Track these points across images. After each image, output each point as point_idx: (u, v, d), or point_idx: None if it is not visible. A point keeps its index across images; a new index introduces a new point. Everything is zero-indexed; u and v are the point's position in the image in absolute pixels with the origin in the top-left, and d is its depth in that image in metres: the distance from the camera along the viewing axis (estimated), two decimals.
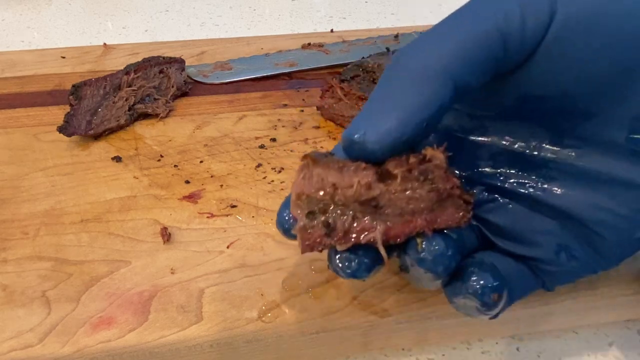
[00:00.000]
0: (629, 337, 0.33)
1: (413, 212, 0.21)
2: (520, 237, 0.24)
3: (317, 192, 0.21)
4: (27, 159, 0.40)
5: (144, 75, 0.47)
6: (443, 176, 0.21)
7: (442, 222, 0.22)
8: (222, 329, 0.28)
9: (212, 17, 0.74)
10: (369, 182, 0.21)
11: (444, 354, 0.32)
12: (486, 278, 0.22)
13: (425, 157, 0.21)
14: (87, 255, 0.32)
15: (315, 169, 0.21)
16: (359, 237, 0.21)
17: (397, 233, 0.22)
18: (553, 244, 0.23)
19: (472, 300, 0.22)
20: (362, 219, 0.21)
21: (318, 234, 0.21)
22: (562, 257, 0.23)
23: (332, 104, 0.44)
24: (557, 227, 0.23)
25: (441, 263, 0.21)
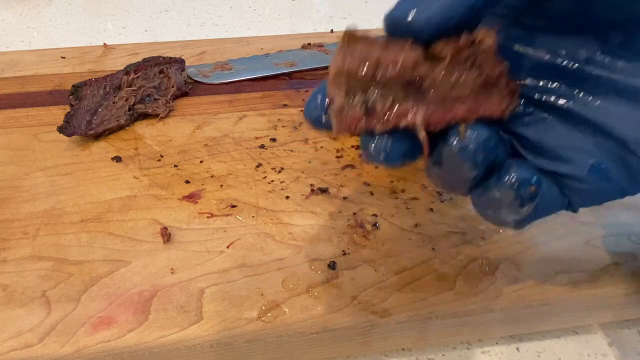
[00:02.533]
0: (629, 337, 0.33)
1: (456, 98, 0.20)
2: (554, 152, 0.23)
3: (358, 69, 0.20)
4: (27, 159, 0.40)
5: (144, 75, 0.47)
6: (492, 61, 0.20)
7: (486, 110, 0.21)
8: (222, 329, 0.28)
9: (212, 17, 0.74)
10: (415, 60, 0.20)
11: (444, 354, 0.32)
12: (524, 171, 0.22)
13: (476, 40, 0.20)
14: (87, 255, 0.32)
15: (358, 44, 0.20)
16: (399, 120, 0.20)
17: (438, 119, 0.20)
18: (587, 161, 0.23)
19: (507, 193, 0.22)
20: (403, 101, 0.20)
21: (356, 115, 0.20)
22: (594, 175, 0.23)
23: None
24: (593, 145, 0.23)
25: (482, 151, 0.21)
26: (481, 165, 0.21)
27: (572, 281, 0.31)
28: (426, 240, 0.33)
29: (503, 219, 0.23)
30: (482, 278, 0.31)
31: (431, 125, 0.20)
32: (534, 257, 0.32)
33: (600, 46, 0.22)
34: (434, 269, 0.32)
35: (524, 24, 0.23)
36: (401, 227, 0.34)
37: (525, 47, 0.24)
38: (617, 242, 0.33)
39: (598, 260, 0.32)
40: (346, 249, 0.33)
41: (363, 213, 0.35)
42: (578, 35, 0.22)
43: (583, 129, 0.23)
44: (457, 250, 0.33)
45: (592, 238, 0.34)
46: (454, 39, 0.20)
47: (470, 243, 0.33)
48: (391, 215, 0.35)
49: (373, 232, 0.34)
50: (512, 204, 0.22)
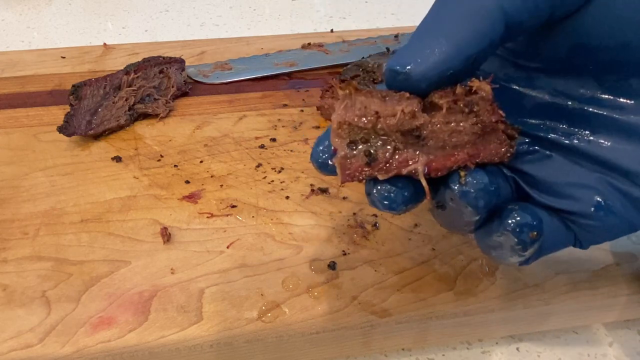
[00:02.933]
0: (629, 337, 0.33)
1: (456, 145, 0.21)
2: (559, 190, 0.23)
3: (359, 120, 0.21)
4: (27, 159, 0.40)
5: (144, 75, 0.47)
6: (489, 108, 0.21)
7: (485, 156, 0.21)
8: (222, 329, 0.28)
9: (212, 17, 0.74)
10: (413, 111, 0.20)
11: (444, 354, 0.32)
12: (525, 216, 0.22)
13: (472, 89, 0.21)
14: (87, 255, 0.32)
15: (358, 97, 0.21)
16: (401, 167, 0.21)
17: (439, 166, 0.21)
18: (592, 198, 0.23)
19: (509, 238, 0.22)
20: (404, 149, 0.21)
21: (359, 164, 0.21)
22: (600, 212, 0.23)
23: (332, 104, 0.44)
24: (598, 182, 0.23)
25: (483, 197, 0.21)
26: (483, 210, 0.21)
27: (572, 281, 0.31)
28: (426, 240, 0.33)
29: (507, 260, 0.23)
30: (482, 278, 0.31)
31: (432, 171, 0.21)
32: None
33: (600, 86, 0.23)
34: (434, 269, 0.32)
35: (523, 66, 0.24)
36: (401, 227, 0.34)
37: (525, 88, 0.24)
38: (617, 242, 0.33)
39: (598, 260, 0.32)
40: (346, 249, 0.33)
41: (363, 213, 0.35)
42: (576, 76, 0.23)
43: (587, 165, 0.23)
44: (457, 250, 0.33)
45: None
46: (450, 88, 0.21)
47: (470, 243, 0.33)
48: (391, 215, 0.35)
49: (373, 232, 0.34)
50: (514, 248, 0.22)
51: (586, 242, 0.24)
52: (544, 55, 0.23)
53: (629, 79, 0.22)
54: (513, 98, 0.24)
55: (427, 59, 0.20)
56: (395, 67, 0.20)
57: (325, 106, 0.44)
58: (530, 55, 0.24)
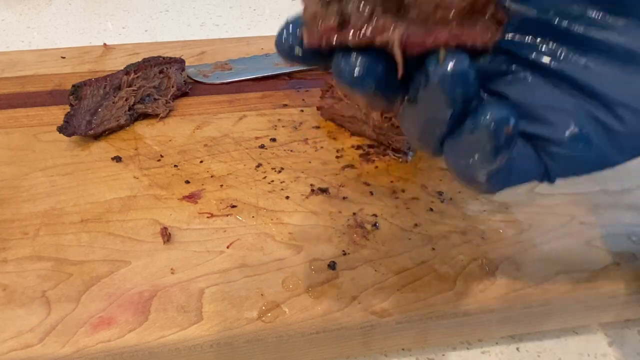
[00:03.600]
0: (629, 337, 0.33)
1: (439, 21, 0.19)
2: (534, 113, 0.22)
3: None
4: (27, 159, 0.40)
5: (144, 75, 0.47)
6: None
7: (469, 38, 0.19)
8: (222, 329, 0.28)
9: (212, 17, 0.74)
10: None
11: (444, 354, 0.32)
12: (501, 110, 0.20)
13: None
14: (87, 255, 0.32)
15: None
16: (375, 35, 0.19)
17: (418, 41, 0.19)
18: (568, 124, 0.22)
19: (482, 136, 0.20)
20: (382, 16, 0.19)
21: (330, 25, 0.19)
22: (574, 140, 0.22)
23: (332, 104, 0.44)
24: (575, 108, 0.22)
25: (461, 84, 0.19)
26: (458, 101, 0.20)
27: (572, 281, 0.31)
28: (426, 240, 0.33)
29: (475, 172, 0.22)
30: (482, 278, 0.31)
31: (409, 47, 0.19)
32: (534, 257, 0.32)
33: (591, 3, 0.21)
34: (434, 269, 0.32)
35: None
36: (401, 227, 0.34)
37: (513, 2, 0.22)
38: (617, 242, 0.33)
39: (598, 260, 0.32)
40: (346, 249, 0.33)
41: (363, 213, 0.35)
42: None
43: (566, 89, 0.22)
44: (457, 250, 0.33)
45: (592, 238, 0.34)
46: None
47: (470, 243, 0.33)
48: (391, 215, 0.35)
49: (373, 232, 0.34)
50: (486, 148, 0.20)
51: (554, 173, 0.23)
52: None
53: None
54: None
55: None
56: None
57: (325, 106, 0.44)
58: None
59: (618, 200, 0.36)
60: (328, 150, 0.41)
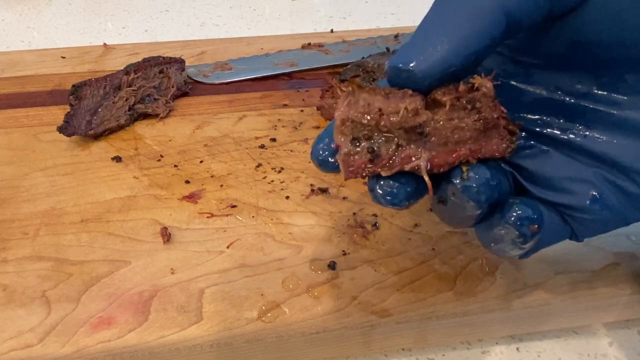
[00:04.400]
0: (629, 337, 0.33)
1: (458, 141, 0.21)
2: (556, 184, 0.24)
3: (362, 117, 0.21)
4: (27, 159, 0.40)
5: (144, 75, 0.47)
6: (491, 105, 0.21)
7: (487, 151, 0.21)
8: (222, 329, 0.28)
9: (212, 17, 0.74)
10: (416, 108, 0.21)
11: (444, 354, 0.32)
12: (526, 209, 0.22)
13: (474, 86, 0.21)
14: (87, 255, 0.32)
15: (361, 94, 0.21)
16: (404, 164, 0.21)
17: (441, 162, 0.21)
18: (588, 192, 0.23)
19: (510, 231, 0.23)
20: (407, 146, 0.21)
21: (362, 160, 0.21)
22: (595, 205, 0.23)
23: (332, 104, 0.44)
24: (594, 176, 0.24)
25: (485, 192, 0.21)
26: (484, 204, 0.22)
27: (572, 281, 0.31)
28: (426, 240, 0.33)
29: (507, 253, 0.24)
30: (482, 278, 0.31)
31: (435, 167, 0.21)
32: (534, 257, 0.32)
33: (596, 82, 0.23)
34: (434, 269, 0.32)
35: (522, 62, 0.24)
36: (401, 227, 0.34)
37: (523, 83, 0.24)
38: (617, 242, 0.33)
39: (598, 260, 0.32)
40: (346, 249, 0.33)
41: (363, 213, 0.35)
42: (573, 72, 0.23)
43: (583, 160, 0.24)
44: (457, 250, 0.33)
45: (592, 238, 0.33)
46: (453, 85, 0.21)
47: (470, 243, 0.33)
48: (391, 215, 0.35)
49: (373, 232, 0.34)
50: (515, 241, 0.23)
51: (582, 235, 0.25)
52: (542, 51, 0.23)
53: (624, 75, 0.22)
54: (511, 94, 0.24)
55: (430, 56, 0.20)
56: (399, 64, 0.20)
57: (325, 106, 0.44)
58: (528, 51, 0.24)
59: None
60: None
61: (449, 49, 0.20)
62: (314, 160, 0.24)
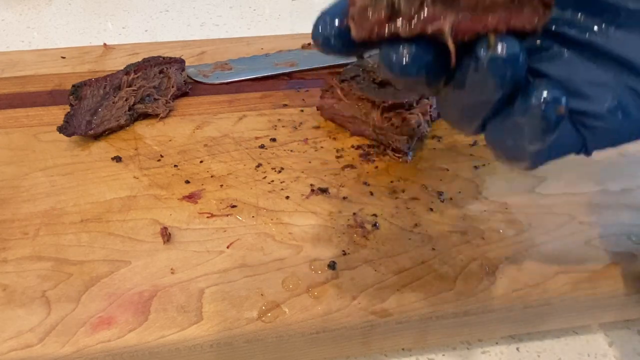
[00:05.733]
0: (629, 337, 0.33)
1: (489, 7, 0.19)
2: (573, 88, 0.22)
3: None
4: (27, 159, 0.40)
5: (144, 75, 0.47)
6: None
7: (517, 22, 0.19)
8: (222, 329, 0.28)
9: (212, 17, 0.74)
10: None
11: (444, 354, 0.32)
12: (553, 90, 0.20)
13: None
14: (87, 255, 0.32)
15: None
16: (426, 25, 0.19)
17: (468, 27, 0.19)
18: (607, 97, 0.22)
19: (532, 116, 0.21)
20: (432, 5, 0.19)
21: (379, 16, 0.19)
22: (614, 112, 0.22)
23: (332, 104, 0.44)
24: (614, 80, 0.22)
25: (512, 66, 0.20)
26: (508, 84, 0.20)
27: (572, 281, 0.31)
28: (426, 240, 0.33)
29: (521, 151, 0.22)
30: (482, 278, 0.31)
31: (459, 34, 0.19)
32: (534, 257, 0.32)
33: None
34: (434, 269, 0.32)
35: None
36: (401, 227, 0.34)
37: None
38: (617, 242, 0.33)
39: (598, 260, 0.32)
40: (346, 249, 0.33)
41: (363, 213, 0.35)
42: None
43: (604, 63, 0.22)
44: (457, 250, 0.33)
45: (592, 238, 0.34)
46: None
47: (470, 243, 0.33)
48: (391, 215, 0.35)
49: (373, 232, 0.34)
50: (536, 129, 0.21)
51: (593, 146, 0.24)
52: None
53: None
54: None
55: None
56: None
57: (325, 106, 0.44)
58: None
59: (618, 200, 0.36)
60: (328, 150, 0.41)
61: None
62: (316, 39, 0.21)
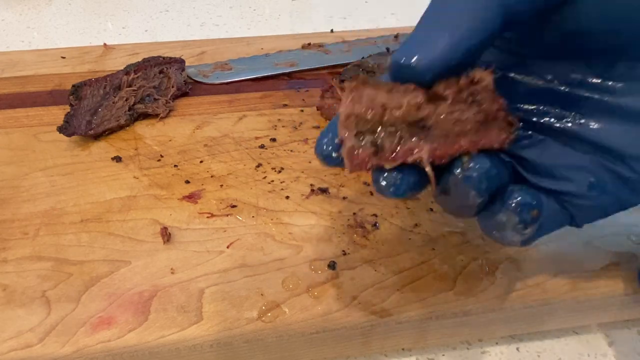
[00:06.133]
0: (629, 337, 0.33)
1: (459, 133, 0.22)
2: (554, 172, 0.25)
3: (366, 113, 0.22)
4: (27, 159, 0.40)
5: (144, 75, 0.47)
6: (491, 97, 0.21)
7: (486, 142, 0.22)
8: (222, 329, 0.28)
9: (212, 17, 0.74)
10: (419, 103, 0.21)
11: (444, 354, 0.32)
12: (526, 196, 0.23)
13: (474, 79, 0.21)
14: (87, 255, 0.32)
15: (365, 89, 0.22)
16: (406, 156, 0.22)
17: (443, 153, 0.22)
18: (586, 178, 0.24)
19: (511, 217, 0.23)
20: (409, 139, 0.22)
21: (366, 154, 0.22)
22: (593, 191, 0.24)
23: (332, 104, 0.44)
24: (590, 163, 0.24)
25: (485, 180, 0.22)
26: (485, 193, 0.22)
27: (572, 281, 0.31)
28: (426, 240, 0.33)
29: (508, 240, 0.24)
30: (482, 278, 0.31)
31: (436, 159, 0.22)
32: (534, 257, 0.32)
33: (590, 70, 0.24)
34: (434, 269, 0.32)
35: (518, 53, 0.25)
36: (401, 227, 0.34)
37: (519, 74, 0.25)
38: (617, 242, 0.33)
39: (598, 260, 0.32)
40: (346, 249, 0.33)
41: (363, 213, 0.35)
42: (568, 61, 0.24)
43: (580, 147, 0.24)
44: (457, 250, 0.33)
45: (592, 238, 0.34)
46: (453, 79, 0.21)
47: (470, 243, 0.33)
48: (391, 215, 0.35)
49: (373, 232, 0.34)
50: (516, 227, 0.23)
51: (581, 220, 0.25)
52: (537, 42, 0.24)
53: (616, 63, 0.23)
54: (507, 85, 0.25)
55: (431, 52, 0.20)
56: (401, 60, 0.21)
57: (325, 106, 0.44)
58: (524, 42, 0.24)
59: None
60: None
61: (450, 44, 0.20)
62: (318, 156, 0.24)
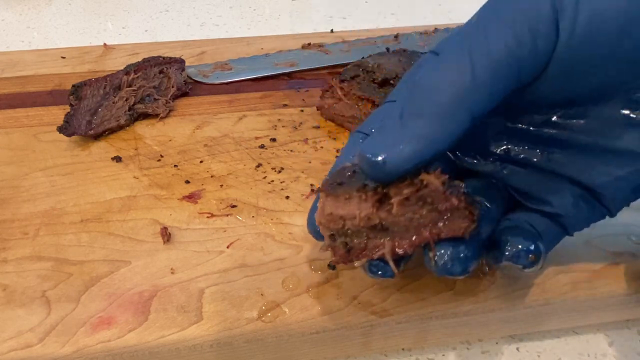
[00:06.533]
0: (629, 337, 0.33)
1: (418, 226, 0.23)
2: (540, 197, 0.26)
3: (330, 224, 0.25)
4: (27, 159, 0.40)
5: (144, 75, 0.47)
6: (441, 197, 0.22)
7: (448, 232, 0.23)
8: (222, 329, 0.28)
9: (212, 17, 0.74)
10: (368, 215, 0.23)
11: (444, 354, 0.32)
12: (520, 243, 0.25)
13: (423, 183, 0.22)
14: (87, 255, 0.32)
15: (327, 202, 0.24)
16: (372, 253, 0.25)
17: (406, 247, 0.24)
18: (568, 199, 0.26)
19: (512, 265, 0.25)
20: (374, 238, 0.24)
21: (341, 252, 0.25)
22: (579, 208, 0.26)
23: (332, 104, 0.44)
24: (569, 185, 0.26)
25: (457, 266, 0.23)
26: (462, 273, 0.23)
27: (572, 281, 0.31)
28: None
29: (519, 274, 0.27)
30: (482, 278, 0.31)
31: (403, 251, 0.24)
32: None
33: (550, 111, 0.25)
34: None
35: None
36: None
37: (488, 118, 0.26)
38: (617, 242, 0.33)
39: (598, 260, 0.32)
40: None
41: None
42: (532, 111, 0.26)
43: (552, 178, 0.26)
44: None
45: (592, 238, 0.34)
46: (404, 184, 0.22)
47: None
48: None
49: None
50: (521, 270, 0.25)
51: (572, 230, 0.27)
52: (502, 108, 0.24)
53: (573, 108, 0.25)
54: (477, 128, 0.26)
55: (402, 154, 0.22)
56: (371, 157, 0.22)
57: (325, 106, 0.44)
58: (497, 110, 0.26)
59: None
60: (328, 150, 0.41)
61: (420, 147, 0.22)
62: (310, 232, 0.27)
